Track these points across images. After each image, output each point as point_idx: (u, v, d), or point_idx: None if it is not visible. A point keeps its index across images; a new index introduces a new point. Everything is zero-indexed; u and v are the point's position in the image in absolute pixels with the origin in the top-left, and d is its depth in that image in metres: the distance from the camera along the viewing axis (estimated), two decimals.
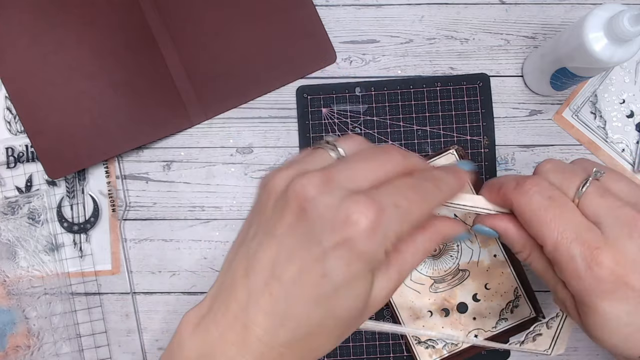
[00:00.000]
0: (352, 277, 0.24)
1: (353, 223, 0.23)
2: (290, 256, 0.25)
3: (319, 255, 0.24)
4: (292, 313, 0.25)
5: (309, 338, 0.25)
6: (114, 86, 0.47)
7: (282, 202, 0.25)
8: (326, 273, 0.24)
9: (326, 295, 0.24)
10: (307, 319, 0.25)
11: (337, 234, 0.24)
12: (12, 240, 0.46)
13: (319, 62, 0.48)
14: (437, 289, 0.45)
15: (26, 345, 0.46)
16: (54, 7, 0.46)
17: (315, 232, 0.24)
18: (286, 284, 0.25)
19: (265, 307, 0.25)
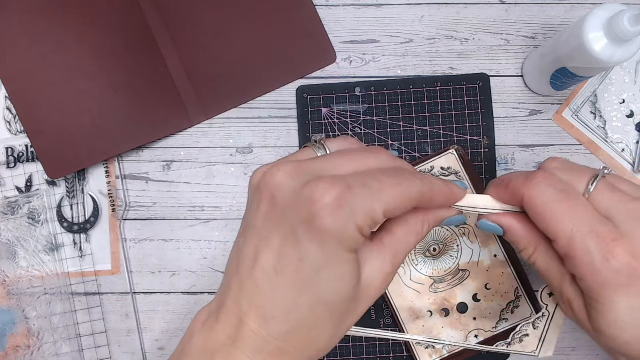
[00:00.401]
0: (329, 257, 0.24)
1: (316, 200, 0.24)
2: (267, 244, 0.25)
3: (293, 239, 0.24)
4: (280, 303, 0.25)
5: (303, 329, 0.25)
6: (114, 86, 0.47)
7: (257, 193, 0.26)
8: (302, 256, 0.24)
9: (308, 279, 0.25)
10: (295, 307, 0.25)
11: (304, 213, 0.24)
12: (12, 240, 0.46)
13: (319, 62, 0.48)
14: (437, 289, 0.45)
15: (26, 345, 0.46)
16: (54, 7, 0.46)
17: (285, 217, 0.25)
18: (269, 273, 0.25)
19: (254, 299, 0.25)
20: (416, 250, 0.45)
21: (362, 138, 0.47)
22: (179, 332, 0.47)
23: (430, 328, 0.44)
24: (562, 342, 0.46)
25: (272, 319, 0.25)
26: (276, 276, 0.25)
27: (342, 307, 0.26)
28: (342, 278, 0.25)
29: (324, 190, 0.24)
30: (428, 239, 0.45)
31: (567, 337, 0.46)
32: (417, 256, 0.45)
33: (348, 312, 0.27)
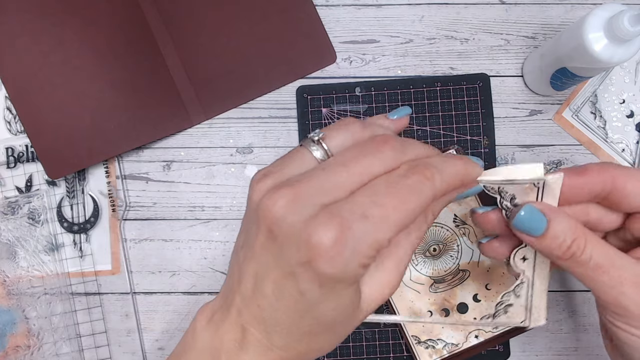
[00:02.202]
0: (328, 294, 0.24)
1: (315, 245, 0.22)
2: (267, 273, 0.25)
3: (292, 277, 0.24)
4: (280, 322, 0.25)
5: (304, 341, 0.26)
6: (114, 86, 0.47)
7: (255, 218, 0.25)
8: (302, 292, 0.24)
9: (308, 309, 0.24)
10: (296, 327, 0.25)
11: (302, 256, 0.23)
12: (12, 240, 0.46)
13: (319, 62, 0.48)
14: (437, 289, 0.45)
15: (26, 345, 0.46)
16: (53, 7, 0.46)
17: (284, 253, 0.24)
18: (269, 298, 0.25)
19: (256, 314, 0.25)
20: (416, 250, 0.45)
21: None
22: (178, 332, 0.47)
23: (430, 328, 0.44)
24: (564, 342, 0.46)
25: (274, 332, 0.25)
26: (276, 302, 0.25)
27: (344, 323, 0.26)
28: (342, 307, 0.25)
29: (322, 234, 0.22)
30: (428, 239, 0.45)
31: (568, 337, 0.46)
32: (417, 256, 0.45)
33: (349, 324, 0.27)
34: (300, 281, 0.24)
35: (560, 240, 0.27)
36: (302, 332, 0.25)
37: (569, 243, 0.27)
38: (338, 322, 0.26)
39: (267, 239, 0.24)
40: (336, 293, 0.24)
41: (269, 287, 0.25)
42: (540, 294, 0.31)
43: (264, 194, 0.24)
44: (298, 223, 0.23)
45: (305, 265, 0.23)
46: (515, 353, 0.46)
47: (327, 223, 0.22)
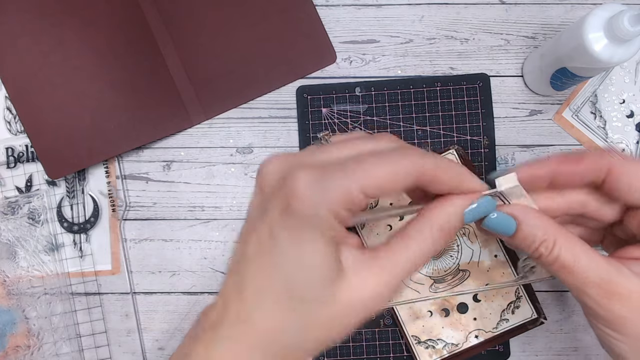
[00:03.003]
0: (299, 243, 0.24)
1: (292, 188, 0.23)
2: (254, 234, 0.25)
3: (271, 228, 0.24)
4: (255, 282, 0.25)
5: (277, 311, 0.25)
6: (114, 86, 0.47)
7: (255, 184, 0.27)
8: (274, 243, 0.24)
9: (280, 265, 0.24)
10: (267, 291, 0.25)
11: (282, 203, 0.24)
12: (12, 240, 0.46)
13: (319, 62, 0.48)
14: (437, 289, 0.45)
15: (26, 345, 0.46)
16: (53, 7, 0.47)
17: (268, 207, 0.25)
18: (250, 260, 0.25)
19: (236, 281, 0.26)
20: None
21: None
22: (179, 332, 0.47)
23: (430, 328, 0.44)
24: (559, 342, 0.46)
25: (247, 298, 0.25)
26: (253, 263, 0.25)
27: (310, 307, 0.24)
28: (310, 267, 0.24)
29: (298, 174, 0.24)
30: None
31: (568, 337, 0.46)
32: None
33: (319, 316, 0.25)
34: (276, 229, 0.24)
35: (529, 241, 0.28)
36: (275, 297, 0.24)
37: (537, 244, 0.27)
38: (311, 293, 0.24)
39: (259, 197, 0.26)
40: (306, 244, 0.24)
41: (253, 247, 0.25)
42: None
43: (261, 163, 0.27)
44: (281, 171, 0.25)
45: (283, 211, 0.24)
46: (515, 353, 0.46)
47: (307, 171, 0.24)
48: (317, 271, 0.24)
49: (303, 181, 0.23)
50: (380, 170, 0.24)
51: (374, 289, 0.25)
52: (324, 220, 0.24)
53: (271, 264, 0.25)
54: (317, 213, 0.23)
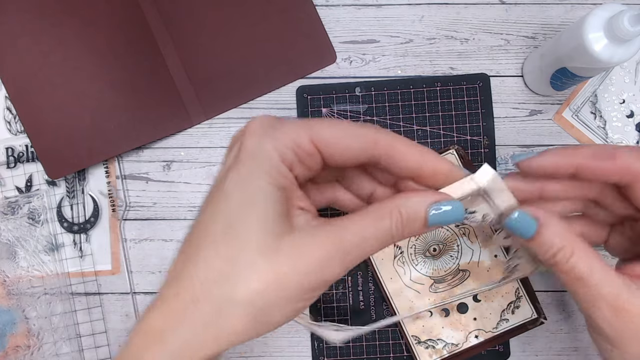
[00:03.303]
0: (241, 180, 0.24)
1: (246, 128, 0.25)
2: (215, 184, 0.26)
3: (224, 170, 0.25)
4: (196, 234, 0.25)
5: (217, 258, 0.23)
6: (114, 86, 0.47)
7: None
8: (223, 183, 0.24)
9: (220, 203, 0.24)
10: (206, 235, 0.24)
11: (235, 145, 0.25)
12: (12, 240, 0.46)
13: (319, 62, 0.48)
14: (437, 289, 0.45)
15: (26, 345, 0.46)
16: (53, 7, 0.47)
17: (229, 154, 0.25)
18: (201, 210, 0.25)
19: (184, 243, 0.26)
20: (416, 250, 0.45)
21: None
22: None
23: (430, 328, 0.44)
24: (564, 342, 0.46)
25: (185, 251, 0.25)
26: (203, 211, 0.25)
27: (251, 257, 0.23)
28: (251, 207, 0.23)
29: (255, 120, 0.25)
30: (428, 239, 0.45)
31: (568, 337, 0.46)
32: (417, 256, 0.45)
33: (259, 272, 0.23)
34: (227, 171, 0.24)
35: (547, 246, 0.27)
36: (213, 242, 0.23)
37: (555, 251, 0.27)
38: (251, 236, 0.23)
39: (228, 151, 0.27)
40: (251, 181, 0.23)
41: (205, 198, 0.26)
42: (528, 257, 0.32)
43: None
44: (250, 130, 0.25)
45: (235, 155, 0.25)
46: (515, 353, 0.46)
47: (264, 117, 0.25)
48: (258, 213, 0.23)
49: (259, 121, 0.25)
50: (333, 129, 0.24)
51: (325, 249, 0.23)
52: (268, 157, 0.24)
53: (215, 205, 0.24)
54: (262, 147, 0.24)
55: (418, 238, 0.45)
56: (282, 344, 0.46)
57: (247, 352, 0.46)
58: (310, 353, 0.46)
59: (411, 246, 0.45)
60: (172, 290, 0.24)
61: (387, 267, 0.45)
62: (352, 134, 0.24)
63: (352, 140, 0.24)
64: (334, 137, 0.24)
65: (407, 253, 0.45)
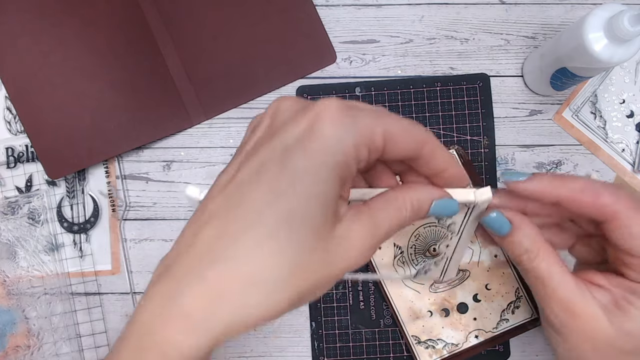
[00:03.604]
0: (312, 169, 0.22)
1: (321, 110, 0.23)
2: (251, 158, 0.24)
3: (281, 150, 0.23)
4: (245, 215, 0.23)
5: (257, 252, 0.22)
6: (114, 86, 0.47)
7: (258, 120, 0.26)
8: (285, 165, 0.22)
9: (283, 190, 0.22)
10: (258, 220, 0.22)
11: (296, 123, 0.23)
12: (12, 240, 0.46)
13: (319, 62, 0.48)
14: (437, 288, 0.45)
15: (26, 345, 0.46)
16: (53, 7, 0.47)
17: (282, 129, 0.23)
18: (241, 184, 0.23)
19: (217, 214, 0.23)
20: (416, 250, 0.45)
21: None
22: None
23: (430, 328, 0.44)
24: None
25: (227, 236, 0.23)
26: (249, 186, 0.23)
27: (307, 245, 0.23)
28: (318, 199, 0.23)
29: (332, 104, 0.23)
30: (428, 239, 0.45)
31: None
32: (417, 256, 0.45)
33: (312, 258, 0.23)
34: (289, 151, 0.23)
35: (516, 246, 0.30)
36: (269, 230, 0.22)
37: (522, 251, 0.30)
38: (303, 230, 0.23)
39: (268, 125, 0.25)
40: (320, 171, 0.22)
41: (246, 172, 0.23)
42: (454, 265, 0.37)
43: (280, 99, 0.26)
44: (305, 108, 0.24)
45: (304, 131, 0.23)
46: (515, 353, 0.46)
47: (339, 101, 0.23)
48: (323, 206, 0.23)
49: (335, 106, 0.23)
50: (399, 121, 0.25)
51: (364, 238, 0.25)
52: (345, 152, 0.23)
53: (275, 188, 0.22)
54: (342, 140, 0.23)
55: (418, 238, 0.45)
56: (282, 344, 0.46)
57: (247, 352, 0.46)
58: (310, 353, 0.46)
59: (411, 246, 0.45)
60: (215, 271, 0.22)
61: (387, 267, 0.45)
62: (412, 133, 0.25)
63: (411, 139, 0.25)
64: (400, 134, 0.25)
65: (407, 253, 0.45)
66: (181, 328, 0.22)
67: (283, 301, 0.23)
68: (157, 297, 0.23)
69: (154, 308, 0.23)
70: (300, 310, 0.46)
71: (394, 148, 0.25)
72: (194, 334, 0.22)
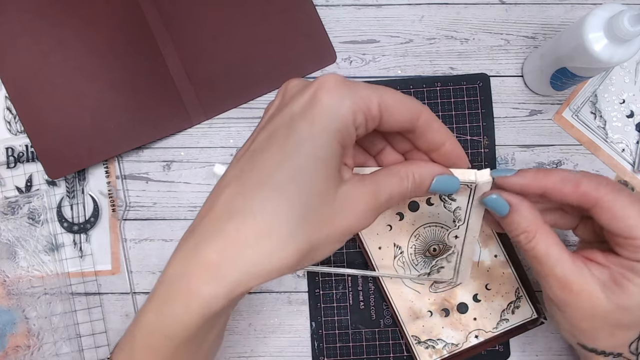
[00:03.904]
0: (315, 135, 0.25)
1: (319, 80, 0.26)
2: (264, 129, 0.27)
3: (288, 120, 0.26)
4: (258, 176, 0.26)
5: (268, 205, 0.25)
6: (114, 86, 0.47)
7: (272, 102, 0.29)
8: (290, 132, 0.25)
9: (289, 153, 0.25)
10: (270, 180, 0.25)
11: (301, 96, 0.26)
12: (12, 240, 0.46)
13: (319, 62, 0.48)
14: (437, 289, 0.45)
15: (26, 345, 0.46)
16: (53, 7, 0.47)
17: (290, 103, 0.26)
18: (256, 151, 0.26)
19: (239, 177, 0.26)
20: (416, 250, 0.45)
21: None
22: None
23: (430, 328, 0.44)
24: (559, 342, 0.46)
25: (241, 195, 0.26)
26: (261, 154, 0.26)
27: (313, 200, 0.25)
28: (321, 161, 0.25)
29: (331, 76, 0.26)
30: (428, 239, 0.45)
31: None
32: (417, 256, 0.45)
33: (319, 213, 0.26)
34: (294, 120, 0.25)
35: (514, 226, 0.32)
36: (272, 190, 0.25)
37: (520, 232, 0.32)
38: (309, 190, 0.25)
39: (278, 103, 0.28)
40: (322, 137, 0.25)
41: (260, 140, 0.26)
42: (467, 262, 0.39)
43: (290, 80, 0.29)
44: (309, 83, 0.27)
45: (306, 103, 0.25)
46: (515, 353, 0.46)
47: (338, 76, 0.26)
48: (326, 166, 0.26)
49: (333, 78, 0.26)
50: (395, 94, 0.27)
51: (367, 200, 0.27)
52: (343, 116, 0.25)
53: (283, 152, 0.25)
54: (339, 107, 0.25)
55: (418, 238, 0.45)
56: (282, 344, 0.46)
57: (248, 352, 0.46)
58: (310, 353, 0.46)
59: (411, 246, 0.45)
60: (232, 225, 0.25)
61: (387, 268, 0.45)
62: (406, 104, 0.27)
63: (406, 110, 0.27)
64: (395, 105, 0.27)
65: (407, 253, 0.45)
66: (201, 277, 0.25)
67: (294, 252, 0.25)
68: (181, 253, 0.27)
69: (177, 263, 0.27)
70: (300, 310, 0.46)
71: (390, 118, 0.27)
72: (213, 281, 0.25)
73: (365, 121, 0.26)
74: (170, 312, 0.26)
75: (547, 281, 0.32)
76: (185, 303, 0.25)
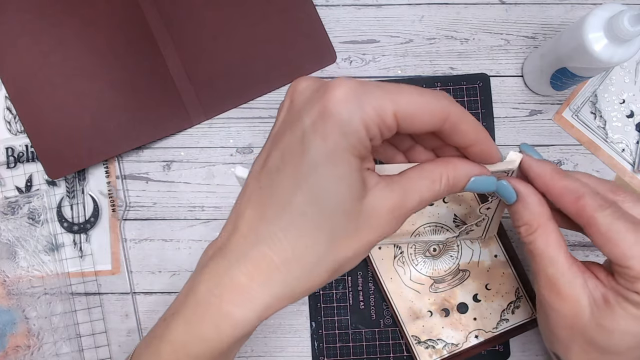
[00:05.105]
0: (330, 153, 0.24)
1: (328, 90, 0.24)
2: (277, 146, 0.25)
3: (300, 135, 0.24)
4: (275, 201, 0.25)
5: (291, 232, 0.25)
6: (114, 86, 0.47)
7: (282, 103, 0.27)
8: (304, 150, 0.24)
9: (306, 174, 0.24)
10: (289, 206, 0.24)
11: (311, 106, 0.24)
12: (12, 240, 0.46)
13: (319, 62, 0.48)
14: (437, 289, 0.45)
15: (26, 345, 0.46)
16: (53, 7, 0.47)
17: (300, 115, 0.25)
18: (271, 172, 0.25)
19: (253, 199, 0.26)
20: (416, 250, 0.45)
21: None
22: None
23: (430, 328, 0.44)
24: None
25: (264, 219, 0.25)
26: (277, 174, 0.25)
27: (337, 220, 0.25)
28: (340, 179, 0.24)
29: (340, 85, 0.24)
30: (428, 239, 0.45)
31: None
32: (417, 256, 0.45)
33: (344, 231, 0.25)
34: (306, 135, 0.24)
35: (517, 216, 0.31)
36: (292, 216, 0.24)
37: (521, 223, 0.31)
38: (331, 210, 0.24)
39: (287, 110, 0.26)
40: (337, 154, 0.24)
41: (275, 158, 0.25)
42: (495, 222, 0.40)
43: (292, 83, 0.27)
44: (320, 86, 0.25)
45: (317, 115, 0.24)
46: (515, 353, 0.46)
47: (347, 81, 0.24)
48: (347, 183, 0.24)
49: (343, 88, 0.24)
50: (415, 98, 0.25)
51: (393, 206, 0.26)
52: (356, 129, 0.24)
53: (300, 173, 0.24)
54: (351, 121, 0.24)
55: (418, 238, 0.45)
56: (282, 344, 0.46)
57: (248, 352, 0.46)
58: (310, 353, 0.46)
59: (411, 246, 0.45)
60: (258, 250, 0.25)
61: (387, 267, 0.45)
62: (429, 108, 0.25)
63: (428, 116, 0.25)
64: (415, 112, 0.25)
65: (407, 253, 0.45)
66: (233, 300, 0.25)
67: (323, 273, 0.25)
68: (211, 272, 0.26)
69: (208, 281, 0.26)
70: (300, 310, 0.46)
71: (410, 125, 0.25)
72: (244, 305, 0.25)
73: (379, 133, 0.25)
74: (199, 333, 0.25)
75: (538, 278, 0.32)
76: (215, 324, 0.25)
